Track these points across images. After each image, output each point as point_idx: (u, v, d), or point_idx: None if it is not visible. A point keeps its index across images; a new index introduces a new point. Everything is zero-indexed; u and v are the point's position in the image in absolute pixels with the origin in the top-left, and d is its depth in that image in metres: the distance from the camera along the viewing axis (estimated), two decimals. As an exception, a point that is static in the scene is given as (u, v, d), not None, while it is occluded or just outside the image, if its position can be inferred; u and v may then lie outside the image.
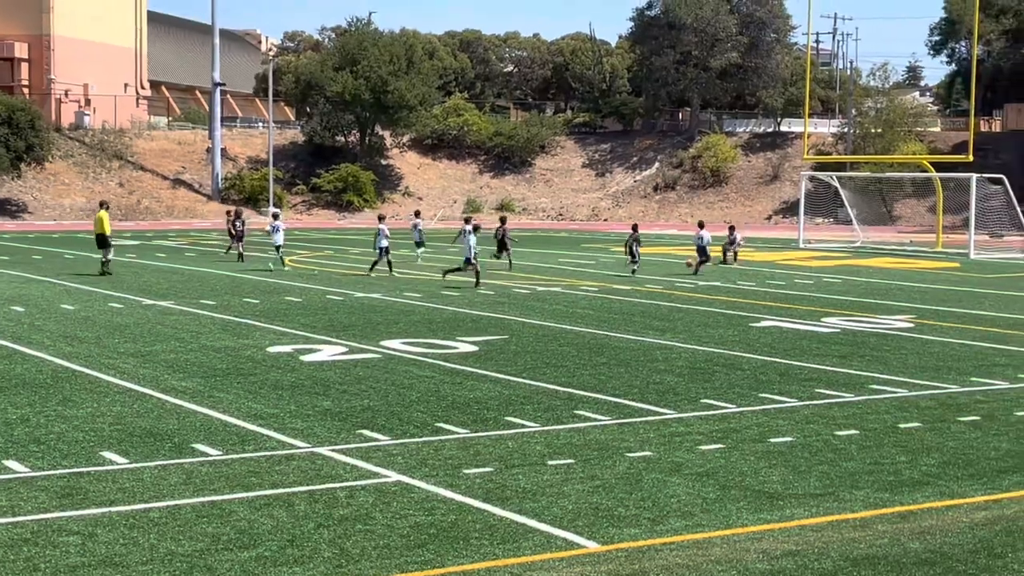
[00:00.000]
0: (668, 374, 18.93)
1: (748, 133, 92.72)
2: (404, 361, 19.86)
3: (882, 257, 49.06)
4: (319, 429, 14.64)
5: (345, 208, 78.28)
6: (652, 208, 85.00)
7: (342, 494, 11.77)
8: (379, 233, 36.17)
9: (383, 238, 35.90)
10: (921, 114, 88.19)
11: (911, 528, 10.94)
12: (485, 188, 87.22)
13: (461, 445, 13.93)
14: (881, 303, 30.28)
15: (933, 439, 14.56)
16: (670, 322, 25.63)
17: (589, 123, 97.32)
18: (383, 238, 35.90)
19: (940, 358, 21.02)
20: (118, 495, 11.62)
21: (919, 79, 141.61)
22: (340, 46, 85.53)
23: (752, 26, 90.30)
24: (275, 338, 22.40)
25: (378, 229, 36.38)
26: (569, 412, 15.86)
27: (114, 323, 24.33)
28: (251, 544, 10.20)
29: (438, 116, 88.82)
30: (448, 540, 10.39)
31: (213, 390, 17.08)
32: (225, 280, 34.07)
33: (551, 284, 33.98)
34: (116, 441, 13.86)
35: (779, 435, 14.64)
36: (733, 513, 11.34)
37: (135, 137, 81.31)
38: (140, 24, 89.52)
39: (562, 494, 11.87)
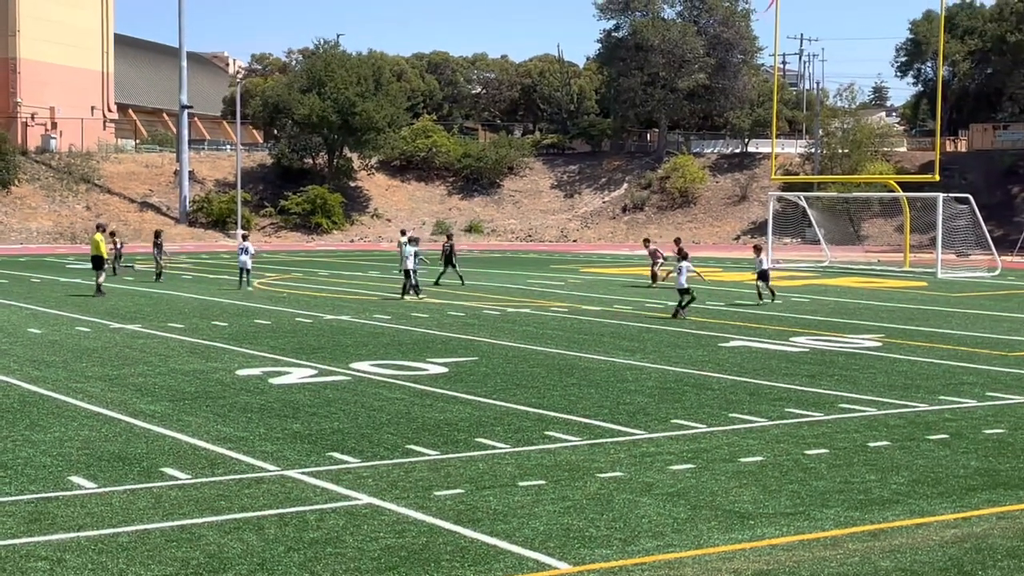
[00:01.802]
0: (638, 394, 18.95)
1: (716, 154, 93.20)
2: (374, 383, 19.80)
3: (850, 276, 49.33)
4: (289, 452, 14.57)
5: (314, 230, 78.13)
6: (621, 229, 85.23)
7: (312, 517, 11.71)
8: (409, 255, 35.50)
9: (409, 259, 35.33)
10: (887, 134, 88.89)
11: (881, 546, 10.98)
12: (454, 210, 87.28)
13: (431, 467, 13.89)
14: (849, 322, 30.43)
15: (902, 457, 14.62)
16: (640, 342, 25.67)
17: (557, 144, 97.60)
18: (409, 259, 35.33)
19: (908, 376, 21.13)
20: (86, 520, 11.52)
21: (885, 100, 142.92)
22: (307, 68, 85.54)
23: (719, 47, 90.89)
24: (244, 361, 22.30)
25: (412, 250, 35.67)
26: (539, 433, 15.84)
27: (82, 347, 24.17)
28: (221, 568, 10.13)
29: (406, 138, 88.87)
30: (419, 563, 10.35)
31: (182, 413, 16.98)
32: (193, 303, 33.91)
33: (520, 305, 33.99)
34: (84, 466, 13.75)
35: (749, 454, 14.67)
36: (704, 533, 11.35)
37: (102, 160, 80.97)
38: (107, 47, 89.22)
39: (533, 515, 11.85)
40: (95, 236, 36.80)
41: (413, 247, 35.85)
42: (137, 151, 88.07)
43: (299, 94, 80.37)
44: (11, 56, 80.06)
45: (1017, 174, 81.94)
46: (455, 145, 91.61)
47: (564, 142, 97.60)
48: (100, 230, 37.43)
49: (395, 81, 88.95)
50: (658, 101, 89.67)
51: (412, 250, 35.49)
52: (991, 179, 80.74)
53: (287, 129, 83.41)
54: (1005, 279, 48.59)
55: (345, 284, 41.73)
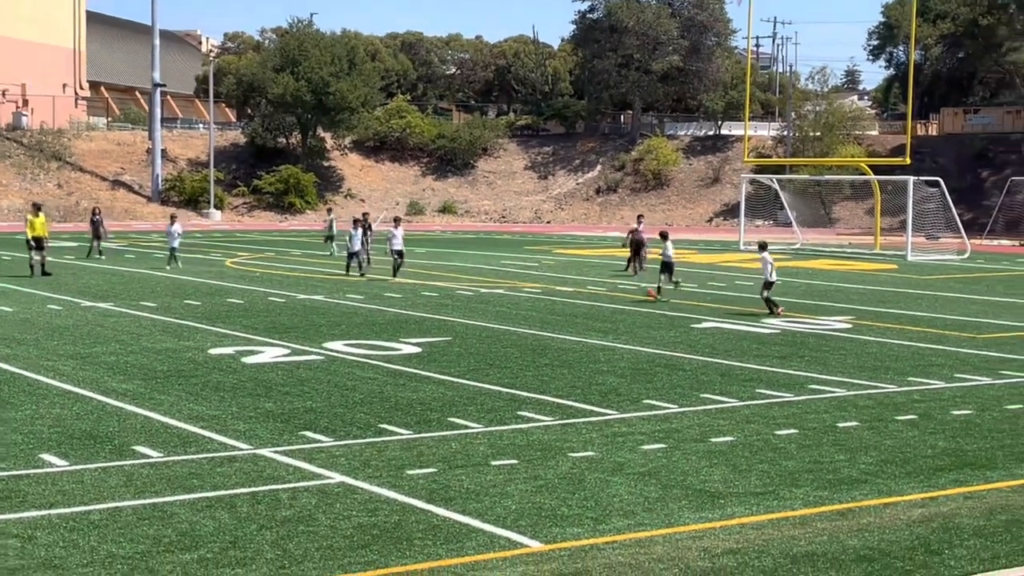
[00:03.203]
0: (610, 375, 19.04)
1: (689, 136, 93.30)
2: (347, 363, 19.82)
3: (821, 259, 49.57)
4: (261, 431, 14.58)
5: (287, 210, 77.88)
6: (594, 211, 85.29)
7: (285, 495, 11.74)
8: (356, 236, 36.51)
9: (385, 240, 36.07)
10: (859, 117, 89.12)
11: (850, 526, 11.09)
12: (428, 190, 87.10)
13: (404, 446, 13.94)
14: (820, 304, 30.60)
15: (871, 438, 14.76)
16: (612, 324, 25.76)
17: (531, 126, 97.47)
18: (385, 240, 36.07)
19: (878, 358, 21.29)
20: (58, 497, 11.52)
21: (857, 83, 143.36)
22: (281, 47, 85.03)
23: (693, 30, 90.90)
24: (216, 340, 22.27)
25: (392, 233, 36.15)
26: (512, 413, 15.91)
27: (53, 325, 24.07)
28: (193, 546, 10.15)
29: (380, 118, 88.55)
30: (391, 541, 10.39)
31: (154, 392, 16.96)
32: (165, 282, 33.80)
33: (494, 286, 34.03)
34: (55, 443, 13.73)
35: (720, 435, 14.77)
36: (675, 512, 11.43)
37: (74, 138, 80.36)
38: (79, 24, 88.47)
39: (505, 494, 11.92)
40: (37, 217, 35.12)
41: (360, 230, 36.83)
42: (109, 129, 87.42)
43: (273, 73, 79.94)
44: (-19, 32, 79.34)
45: (987, 158, 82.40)
46: (429, 126, 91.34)
47: (538, 123, 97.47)
48: (37, 210, 35.94)
49: (369, 61, 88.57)
50: (632, 83, 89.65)
51: (359, 232, 36.61)
52: (962, 163, 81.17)
53: (261, 108, 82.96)
54: (974, 262, 48.94)
55: (318, 264, 41.64)
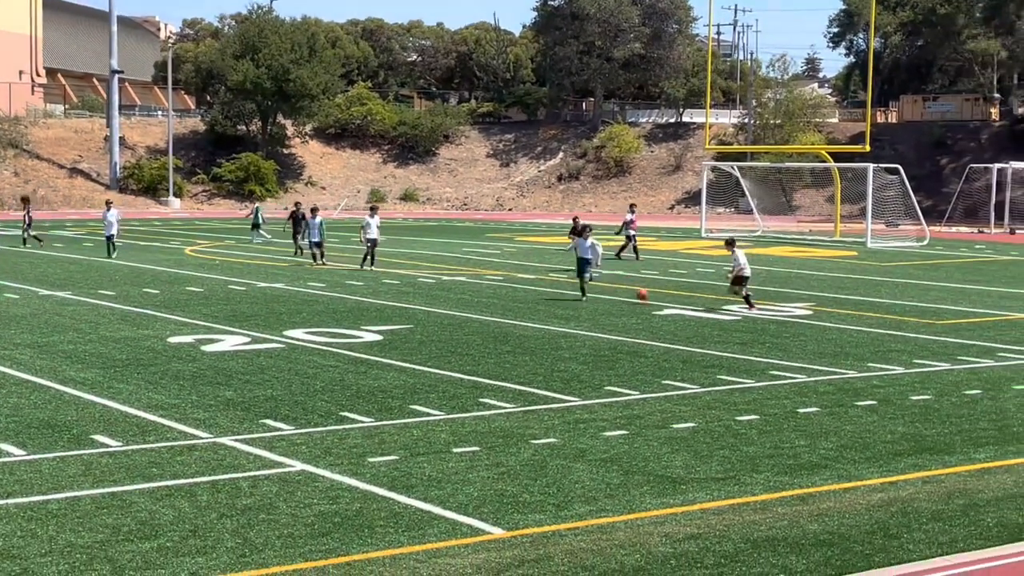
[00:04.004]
0: (572, 362, 19.05)
1: (651, 123, 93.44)
2: (308, 351, 19.74)
3: (782, 246, 49.81)
4: (221, 419, 14.50)
5: (247, 198, 77.44)
6: (556, 198, 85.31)
7: (245, 484, 11.68)
8: (315, 226, 36.30)
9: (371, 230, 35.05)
10: (820, 105, 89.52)
11: (810, 510, 11.15)
12: (389, 178, 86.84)
13: (366, 434, 13.90)
14: (781, 291, 30.75)
15: (831, 423, 14.84)
16: (574, 311, 25.78)
17: (493, 113, 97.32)
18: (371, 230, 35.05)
19: (838, 344, 21.41)
20: (15, 487, 11.41)
21: (818, 71, 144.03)
22: (241, 34, 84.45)
23: (654, 17, 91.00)
24: (176, 328, 22.12)
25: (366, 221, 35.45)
26: (474, 400, 15.90)
27: (10, 314, 23.83)
28: (152, 535, 10.08)
29: (341, 105, 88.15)
30: (353, 528, 10.36)
31: (112, 381, 16.83)
32: (124, 270, 33.54)
33: (456, 273, 33.98)
34: (13, 433, 13.59)
35: (681, 421, 14.82)
36: (636, 498, 11.46)
37: (31, 125, 79.53)
38: (35, 9, 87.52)
39: (467, 481, 11.91)
40: None
41: (317, 219, 36.62)
42: (66, 116, 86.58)
43: (232, 60, 79.40)
44: (-64, 18, 78.36)
45: (946, 145, 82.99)
46: (390, 113, 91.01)
47: (500, 111, 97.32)
48: None
49: (329, 48, 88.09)
50: (594, 70, 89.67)
51: (318, 221, 36.39)
52: (921, 150, 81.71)
53: (220, 95, 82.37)
54: (933, 249, 49.31)
55: (279, 251, 41.43)
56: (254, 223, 47.22)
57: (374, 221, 35.55)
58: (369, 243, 34.97)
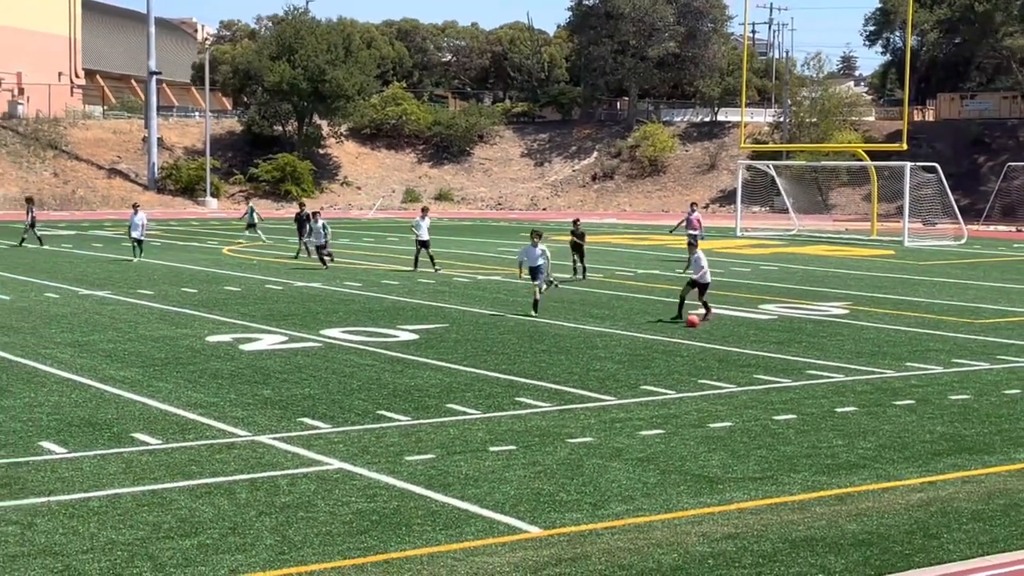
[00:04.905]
0: (608, 361, 19.04)
1: (686, 122, 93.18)
2: (344, 350, 19.81)
3: (818, 245, 49.57)
4: (260, 418, 14.59)
5: (283, 198, 77.78)
6: (591, 197, 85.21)
7: (283, 482, 11.75)
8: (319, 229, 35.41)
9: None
10: (856, 103, 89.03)
11: (848, 510, 11.11)
12: (424, 178, 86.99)
13: (403, 432, 13.94)
14: (817, 290, 30.61)
15: (869, 423, 14.78)
16: (609, 310, 25.76)
17: (528, 112, 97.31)
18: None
19: (875, 344, 21.30)
20: (57, 484, 11.52)
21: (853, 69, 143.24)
22: (277, 35, 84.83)
23: (689, 16, 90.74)
24: (214, 327, 22.26)
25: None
26: (510, 399, 15.92)
27: (51, 313, 24.05)
28: (192, 532, 10.16)
29: (376, 105, 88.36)
30: (390, 526, 10.41)
31: (152, 379, 16.96)
32: (162, 270, 33.77)
33: (491, 273, 34.01)
34: (54, 431, 13.73)
35: (718, 420, 14.79)
36: (673, 497, 11.45)
37: (70, 126, 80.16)
38: (74, 12, 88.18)
39: (504, 480, 11.93)
40: None
41: (320, 222, 35.48)
42: (105, 117, 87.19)
43: (269, 61, 79.76)
44: (-24, 21, 79.08)
45: (983, 143, 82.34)
46: (425, 113, 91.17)
47: (534, 110, 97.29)
48: None
49: (365, 48, 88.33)
50: (628, 69, 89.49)
51: (321, 225, 35.25)
52: (958, 148, 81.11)
53: (257, 96, 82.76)
54: (971, 247, 48.95)
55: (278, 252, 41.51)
56: (249, 223, 46.93)
57: (424, 223, 34.66)
58: (420, 244, 34.34)
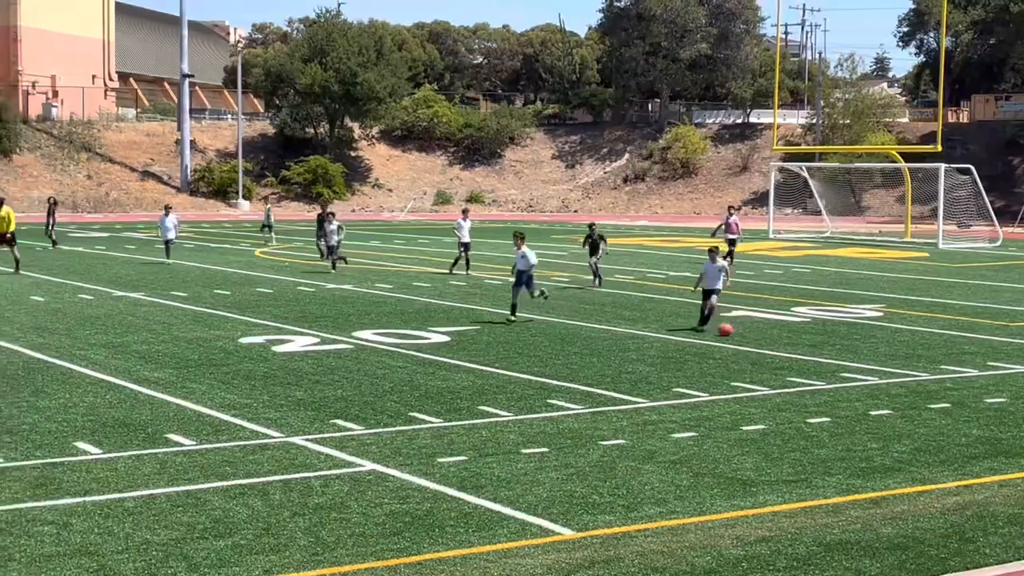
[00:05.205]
0: (640, 363, 19.00)
1: (717, 124, 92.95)
2: (376, 351, 19.85)
3: (851, 247, 49.33)
4: (293, 419, 14.63)
5: (315, 200, 78.03)
6: (622, 199, 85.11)
7: (317, 483, 11.78)
8: (333, 231, 34.71)
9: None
10: (889, 105, 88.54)
11: (883, 514, 11.04)
12: (455, 180, 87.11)
13: (435, 434, 13.96)
14: (851, 292, 30.46)
15: (904, 426, 14.68)
16: (641, 312, 25.71)
17: (559, 114, 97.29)
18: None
19: (910, 346, 21.17)
20: (92, 485, 11.59)
21: (887, 70, 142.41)
22: (309, 37, 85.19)
23: (721, 17, 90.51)
24: (247, 329, 22.35)
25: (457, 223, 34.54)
26: (542, 401, 15.91)
27: (85, 314, 24.21)
28: (227, 533, 10.19)
29: (407, 108, 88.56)
30: (423, 528, 10.41)
31: (186, 381, 17.04)
32: (195, 272, 33.94)
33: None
34: (89, 431, 13.81)
35: (751, 423, 14.73)
36: (707, 500, 11.41)
37: (103, 129, 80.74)
38: (108, 15, 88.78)
39: (536, 482, 11.92)
40: (2, 211, 33.28)
41: (334, 224, 34.76)
42: (138, 120, 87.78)
43: (301, 64, 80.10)
44: (12, 24, 79.67)
45: (1018, 145, 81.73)
46: (456, 115, 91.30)
47: (565, 112, 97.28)
48: (2, 204, 33.97)
49: (396, 51, 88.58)
50: (660, 71, 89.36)
51: (335, 227, 34.52)
52: (993, 150, 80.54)
53: (289, 99, 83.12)
54: (1006, 250, 48.59)
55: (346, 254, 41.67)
56: (264, 224, 47.11)
57: (466, 224, 34.13)
58: (462, 247, 33.96)
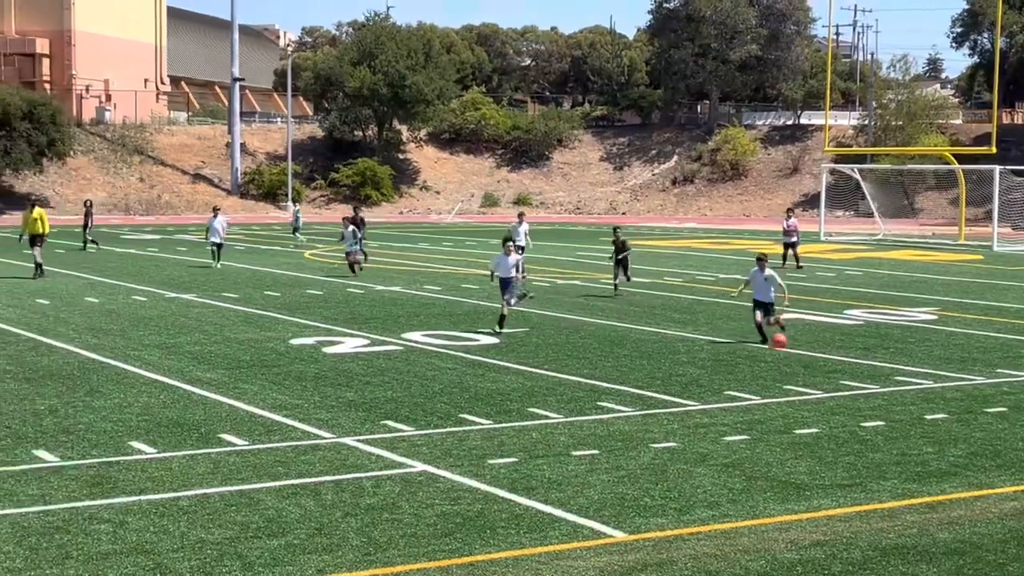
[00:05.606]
0: (691, 366, 18.91)
1: (767, 126, 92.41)
2: (426, 353, 19.88)
3: (904, 249, 48.89)
4: (344, 420, 14.68)
5: (363, 202, 78.32)
6: (671, 202, 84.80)
7: (368, 484, 11.81)
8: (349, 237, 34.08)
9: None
10: (942, 106, 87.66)
11: (940, 518, 10.92)
12: (503, 182, 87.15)
13: (485, 436, 13.95)
14: (904, 295, 30.18)
15: (960, 430, 14.52)
16: (691, 314, 25.60)
17: (607, 116, 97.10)
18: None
19: (965, 350, 20.94)
20: (147, 484, 11.68)
21: (940, 71, 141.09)
22: (358, 41, 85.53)
23: (772, 18, 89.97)
24: (297, 330, 22.46)
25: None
26: (592, 403, 15.87)
27: (138, 316, 24.42)
28: (280, 532, 10.24)
29: (455, 110, 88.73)
30: (475, 529, 10.41)
31: (238, 381, 17.15)
32: (246, 274, 34.16)
33: (570, 277, 33.96)
34: (144, 431, 13.93)
35: (804, 426, 14.62)
36: (760, 503, 11.33)
37: (155, 132, 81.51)
38: (160, 19, 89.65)
39: (587, 484, 11.88)
40: (35, 212, 33.04)
41: (350, 228, 34.21)
42: (190, 123, 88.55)
43: (350, 67, 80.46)
44: (66, 28, 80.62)
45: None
46: (504, 117, 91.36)
47: (614, 114, 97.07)
48: (36, 206, 34.01)
49: (445, 53, 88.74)
50: (709, 72, 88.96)
51: (351, 231, 33.95)
52: (1048, 152, 79.57)
53: (338, 102, 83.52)
54: (1062, 253, 47.97)
55: (395, 256, 41.87)
56: (294, 227, 48.01)
57: (522, 228, 33.68)
58: (518, 251, 33.80)
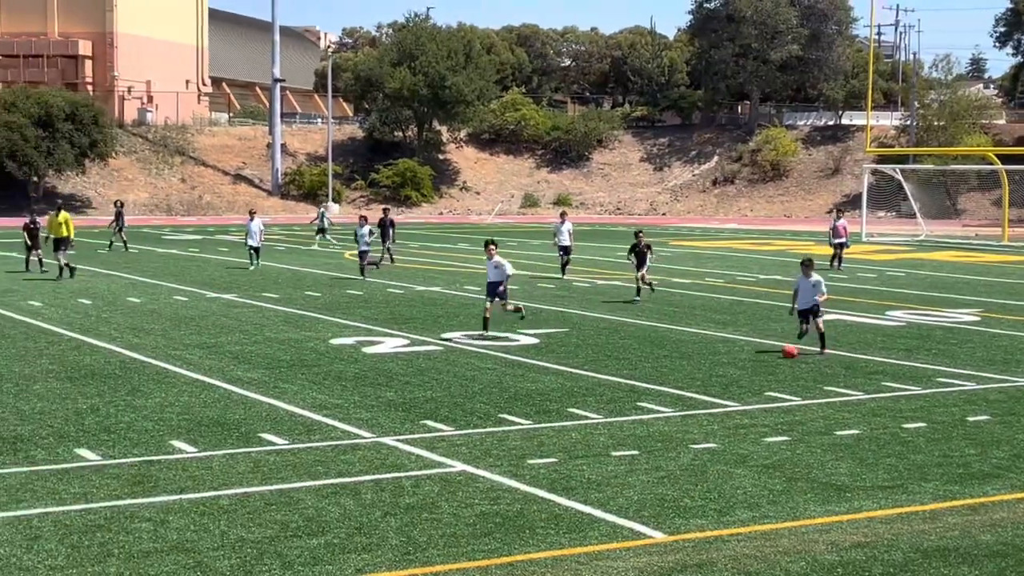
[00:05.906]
0: (731, 367, 18.83)
1: (809, 126, 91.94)
2: (466, 353, 19.90)
3: (947, 250, 48.50)
4: (383, 419, 14.72)
5: (403, 203, 78.56)
6: (711, 202, 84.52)
7: (408, 483, 11.83)
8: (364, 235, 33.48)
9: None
10: (986, 106, 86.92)
11: (982, 520, 10.82)
12: (543, 182, 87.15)
13: (525, 436, 13.95)
14: (946, 296, 29.93)
15: (1003, 432, 14.38)
16: (732, 315, 25.49)
17: (647, 117, 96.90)
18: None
19: (1008, 351, 20.74)
20: (188, 483, 11.76)
21: (983, 71, 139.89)
22: (398, 42, 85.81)
23: (813, 18, 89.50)
24: (337, 330, 22.54)
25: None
26: (632, 404, 15.83)
27: (180, 315, 24.59)
28: (319, 531, 10.28)
29: (495, 111, 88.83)
30: (514, 529, 10.41)
31: (278, 381, 17.23)
32: (286, 274, 34.33)
33: (610, 277, 33.91)
34: (185, 430, 14.02)
35: (845, 428, 14.52)
36: (800, 505, 11.27)
37: (196, 133, 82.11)
38: (201, 21, 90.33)
39: (627, 485, 11.86)
40: (60, 216, 33.18)
41: (366, 228, 33.54)
42: (230, 124, 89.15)
43: (390, 68, 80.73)
44: (108, 30, 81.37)
45: (1120, 146, 79.85)
46: (544, 118, 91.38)
47: (654, 114, 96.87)
48: (60, 210, 34.05)
49: (485, 54, 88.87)
50: (750, 73, 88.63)
51: (366, 231, 33.33)
52: (1093, 152, 78.76)
53: (378, 102, 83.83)
54: (1107, 254, 47.44)
55: (435, 256, 41.95)
56: (320, 228, 47.71)
57: (565, 227, 33.46)
58: (561, 251, 33.42)
